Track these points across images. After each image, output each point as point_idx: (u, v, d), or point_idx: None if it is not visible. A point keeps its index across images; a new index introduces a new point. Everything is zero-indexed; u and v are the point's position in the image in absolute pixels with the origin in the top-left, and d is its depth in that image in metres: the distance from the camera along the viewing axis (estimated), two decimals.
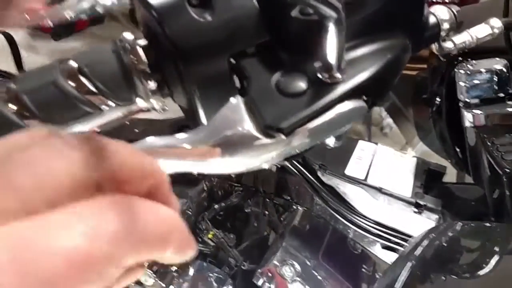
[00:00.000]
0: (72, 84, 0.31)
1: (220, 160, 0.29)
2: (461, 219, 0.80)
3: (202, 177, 0.93)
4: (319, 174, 0.84)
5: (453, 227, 0.59)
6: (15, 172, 0.16)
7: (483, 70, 0.66)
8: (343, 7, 0.26)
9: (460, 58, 0.71)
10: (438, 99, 1.03)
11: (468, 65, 0.68)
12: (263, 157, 0.30)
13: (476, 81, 0.67)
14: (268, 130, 0.29)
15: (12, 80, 0.31)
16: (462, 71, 0.68)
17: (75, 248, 0.15)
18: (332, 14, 0.26)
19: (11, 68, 1.21)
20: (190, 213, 0.88)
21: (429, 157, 1.23)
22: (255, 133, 0.29)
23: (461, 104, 0.70)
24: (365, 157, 0.89)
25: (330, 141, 0.35)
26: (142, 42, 0.33)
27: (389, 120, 2.41)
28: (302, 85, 0.30)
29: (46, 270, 0.14)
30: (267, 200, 0.93)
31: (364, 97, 0.31)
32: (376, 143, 0.94)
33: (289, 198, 0.92)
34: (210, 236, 0.89)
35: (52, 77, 0.31)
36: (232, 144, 0.29)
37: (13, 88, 0.30)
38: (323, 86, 0.30)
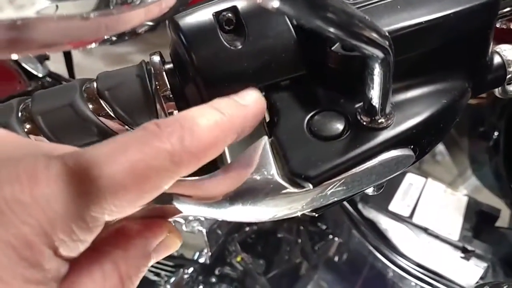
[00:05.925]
0: (91, 107, 0.29)
1: (242, 207, 0.26)
2: None
3: None
4: (359, 206, 0.78)
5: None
6: None
7: None
8: (390, 44, 0.22)
9: None
10: (496, 133, 0.96)
11: None
12: (288, 206, 0.27)
13: None
14: (294, 177, 0.25)
15: (30, 98, 0.30)
16: None
17: None
18: (379, 54, 0.22)
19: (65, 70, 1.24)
20: (220, 232, 0.85)
21: (481, 191, 1.14)
22: (279, 179, 0.25)
23: None
24: (412, 193, 0.83)
25: (369, 189, 0.31)
26: (168, 65, 0.30)
27: (441, 147, 2.29)
28: (338, 127, 0.26)
29: None
30: (301, 227, 0.88)
31: (412, 146, 0.27)
32: (426, 177, 0.87)
33: (325, 227, 0.87)
34: (238, 259, 0.85)
35: (70, 99, 0.29)
36: (255, 189, 0.25)
37: (29, 108, 0.29)
38: (363, 131, 0.26)
